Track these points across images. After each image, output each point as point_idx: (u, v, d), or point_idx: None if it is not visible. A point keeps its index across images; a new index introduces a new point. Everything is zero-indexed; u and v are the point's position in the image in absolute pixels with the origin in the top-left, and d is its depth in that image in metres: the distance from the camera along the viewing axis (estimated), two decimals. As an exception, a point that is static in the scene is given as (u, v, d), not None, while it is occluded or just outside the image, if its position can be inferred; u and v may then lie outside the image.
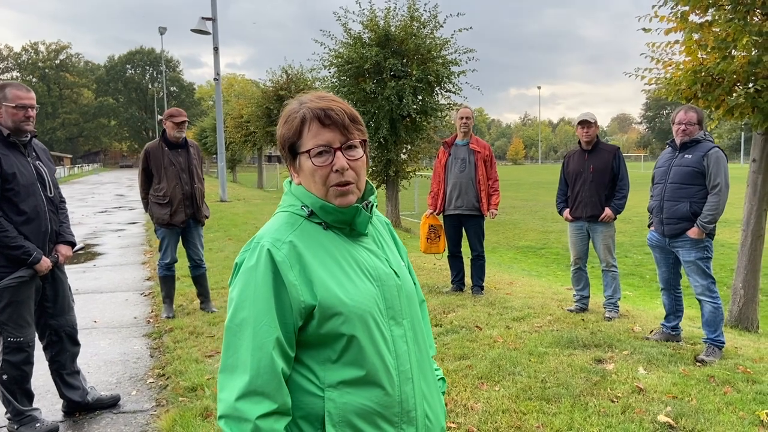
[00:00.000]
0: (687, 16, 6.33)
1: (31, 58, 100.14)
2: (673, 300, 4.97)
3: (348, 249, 1.48)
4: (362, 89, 13.51)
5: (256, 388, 1.32)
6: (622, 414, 3.56)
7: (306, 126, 1.44)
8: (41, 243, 3.52)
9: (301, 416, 1.40)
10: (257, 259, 1.39)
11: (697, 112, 4.60)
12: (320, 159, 1.43)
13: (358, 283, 1.44)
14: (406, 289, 1.57)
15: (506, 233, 18.87)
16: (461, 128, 6.63)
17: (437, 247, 6.77)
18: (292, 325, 1.38)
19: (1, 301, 3.39)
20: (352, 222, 1.49)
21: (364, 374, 1.41)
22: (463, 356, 4.59)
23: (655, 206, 4.80)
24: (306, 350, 1.42)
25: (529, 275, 10.89)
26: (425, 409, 1.54)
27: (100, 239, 12.61)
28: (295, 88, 22.00)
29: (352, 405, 1.40)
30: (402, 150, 14.73)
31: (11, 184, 3.35)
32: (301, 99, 1.49)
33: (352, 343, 1.40)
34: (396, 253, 1.64)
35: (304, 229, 1.45)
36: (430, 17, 13.96)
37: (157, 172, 5.79)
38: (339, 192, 1.44)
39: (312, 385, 1.41)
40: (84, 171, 69.56)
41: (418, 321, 1.61)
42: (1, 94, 3.40)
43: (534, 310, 5.90)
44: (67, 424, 3.78)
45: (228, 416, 1.32)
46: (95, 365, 4.81)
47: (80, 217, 17.18)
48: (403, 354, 1.50)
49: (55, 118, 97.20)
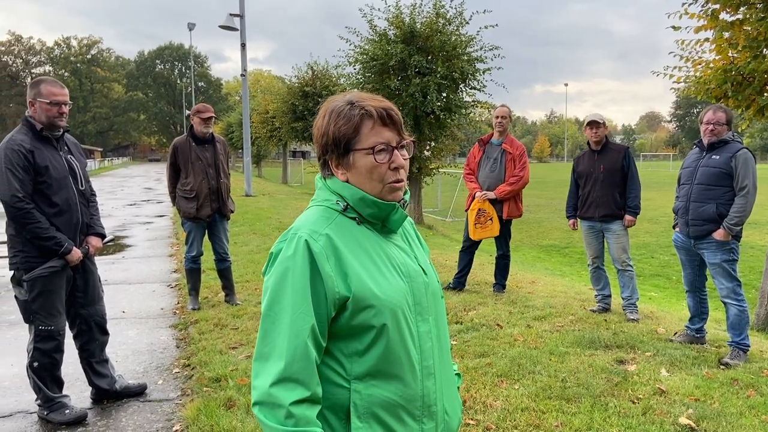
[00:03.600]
0: (718, 14, 6.24)
1: (64, 52, 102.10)
2: (698, 302, 4.92)
3: (380, 244, 1.52)
4: (386, 86, 13.53)
5: (290, 375, 1.35)
6: (643, 415, 3.55)
7: (367, 124, 1.47)
8: (72, 234, 3.63)
9: (327, 406, 1.43)
10: (295, 249, 1.42)
11: (725, 112, 4.54)
12: (381, 156, 1.46)
13: (390, 278, 1.48)
14: (432, 286, 1.60)
15: (530, 232, 18.76)
16: (497, 127, 6.59)
17: (491, 230, 6.41)
18: (326, 315, 1.42)
19: (33, 290, 3.51)
20: (386, 218, 1.53)
21: (390, 368, 1.45)
22: (483, 354, 4.60)
23: (681, 207, 4.75)
24: (335, 342, 1.46)
25: (552, 274, 10.83)
26: (444, 405, 1.58)
27: (129, 231, 12.86)
28: (320, 84, 22.10)
29: (377, 397, 1.44)
30: (425, 147, 14.72)
31: (44, 177, 3.46)
32: (348, 98, 1.51)
33: (381, 336, 1.44)
34: (422, 252, 1.68)
35: (339, 223, 1.49)
36: (456, 14, 13.91)
37: (184, 167, 5.90)
38: (394, 188, 1.49)
39: (339, 376, 1.44)
40: (114, 164, 70.78)
41: (443, 318, 1.65)
42: (35, 90, 3.51)
43: (556, 310, 5.88)
44: (95, 411, 3.89)
45: (262, 402, 1.35)
46: (123, 354, 4.93)
47: (110, 210, 17.51)
48: (427, 350, 1.53)
49: (86, 111, 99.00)
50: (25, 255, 3.49)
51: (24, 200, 3.39)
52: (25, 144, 3.43)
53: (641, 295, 10.42)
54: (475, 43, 13.98)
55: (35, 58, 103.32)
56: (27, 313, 3.57)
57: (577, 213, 5.95)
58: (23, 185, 3.40)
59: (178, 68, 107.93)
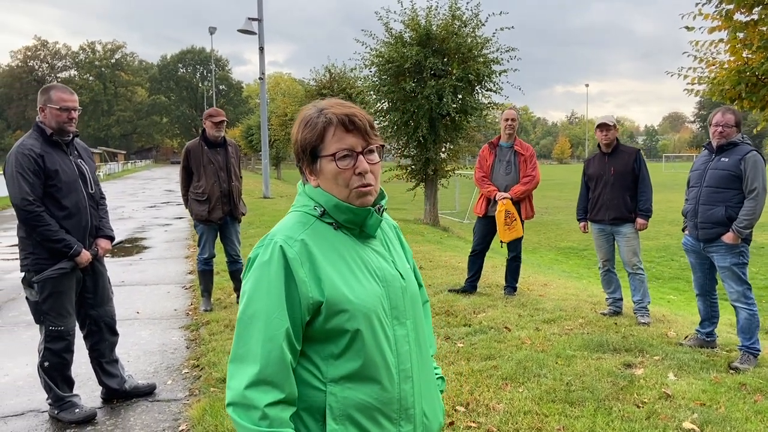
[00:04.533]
0: (732, 14, 6.18)
1: (89, 57, 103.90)
2: (708, 306, 4.86)
3: (357, 249, 1.54)
4: (402, 88, 13.57)
5: (265, 378, 1.38)
6: (646, 420, 3.52)
7: (330, 131, 1.50)
8: (81, 237, 3.71)
9: (304, 408, 1.46)
10: (270, 255, 1.46)
11: (734, 113, 4.48)
12: (344, 162, 1.49)
13: (365, 282, 1.50)
14: (411, 290, 1.62)
15: (548, 234, 18.64)
16: (506, 130, 6.54)
17: (517, 231, 6.34)
18: (300, 319, 1.45)
19: (44, 291, 3.59)
20: (363, 223, 1.55)
21: (366, 371, 1.47)
22: (489, 356, 4.60)
23: (690, 210, 4.70)
24: (311, 345, 1.49)
25: (569, 277, 10.76)
26: (423, 408, 1.60)
27: (147, 233, 13.05)
28: (338, 87, 22.20)
29: (352, 400, 1.46)
30: (441, 149, 14.72)
31: (54, 181, 3.55)
32: (318, 105, 1.55)
33: (356, 340, 1.46)
34: (402, 256, 1.70)
35: (315, 229, 1.52)
36: (472, 16, 13.90)
37: (196, 170, 5.99)
38: (360, 193, 1.51)
39: (315, 379, 1.47)
40: (137, 167, 71.81)
41: (421, 322, 1.66)
42: (45, 96, 3.60)
43: (566, 313, 5.86)
44: (105, 410, 3.97)
45: (236, 404, 1.38)
46: (135, 355, 5.02)
47: (130, 212, 17.79)
48: (404, 353, 1.55)
49: (110, 115, 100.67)
50: (36, 257, 3.57)
51: (34, 203, 3.48)
52: (35, 149, 3.52)
53: (660, 298, 10.34)
54: (491, 45, 13.95)
55: (61, 63, 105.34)
56: (37, 314, 3.66)
57: (588, 216, 5.92)
58: (33, 189, 3.49)
59: (200, 72, 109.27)
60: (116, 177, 46.35)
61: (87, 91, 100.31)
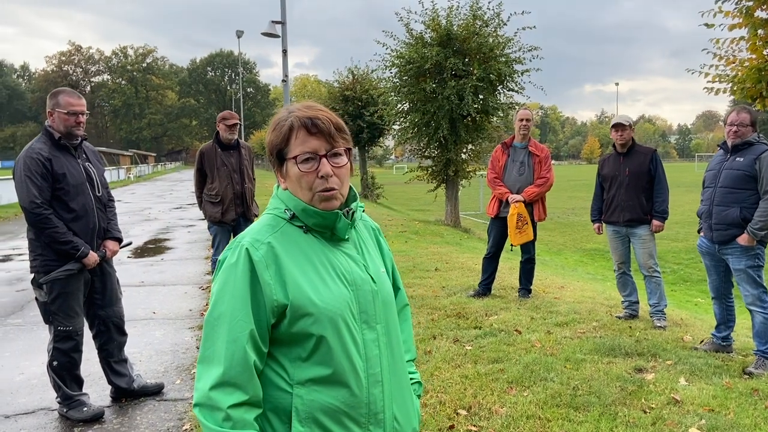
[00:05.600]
0: (753, 11, 6.03)
1: (121, 61, 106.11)
2: (724, 309, 4.74)
3: (326, 253, 1.54)
4: (422, 89, 13.53)
5: (228, 379, 1.40)
6: (652, 425, 3.45)
7: (294, 134, 1.51)
8: (89, 239, 3.78)
9: (270, 409, 1.47)
10: (237, 257, 1.47)
11: (750, 113, 4.37)
12: (306, 165, 1.50)
13: (332, 286, 1.50)
14: (383, 294, 1.61)
15: (574, 235, 18.40)
16: (520, 130, 6.47)
17: (527, 234, 6.30)
18: (266, 321, 1.46)
19: (52, 292, 3.67)
20: (332, 227, 1.55)
21: (332, 374, 1.47)
22: (496, 360, 4.55)
23: (705, 211, 4.59)
24: (278, 347, 1.49)
25: (593, 279, 10.62)
26: (394, 412, 1.58)
27: (171, 234, 13.25)
28: (360, 88, 22.25)
29: (318, 402, 1.46)
30: (462, 150, 14.63)
31: (61, 184, 3.62)
32: (290, 108, 1.57)
33: (322, 343, 1.46)
34: (376, 259, 1.68)
35: (284, 232, 1.52)
36: (494, 15, 13.80)
37: (210, 172, 6.06)
38: (323, 197, 1.51)
39: (282, 380, 1.48)
40: (167, 168, 73.02)
41: (394, 326, 1.65)
42: (54, 101, 3.68)
43: (580, 316, 5.77)
44: (113, 409, 4.03)
45: (202, 405, 1.40)
46: (147, 354, 5.10)
47: (157, 213, 18.08)
48: (373, 357, 1.54)
49: (141, 118, 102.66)
50: (44, 258, 3.65)
51: (42, 206, 3.56)
52: (43, 152, 3.60)
53: (687, 301, 10.12)
54: (513, 44, 13.83)
55: (94, 68, 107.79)
56: (46, 314, 3.74)
57: (602, 217, 5.83)
58: (41, 192, 3.56)
59: (228, 75, 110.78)
60: (146, 179, 47.20)
61: (119, 95, 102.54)
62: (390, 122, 16.13)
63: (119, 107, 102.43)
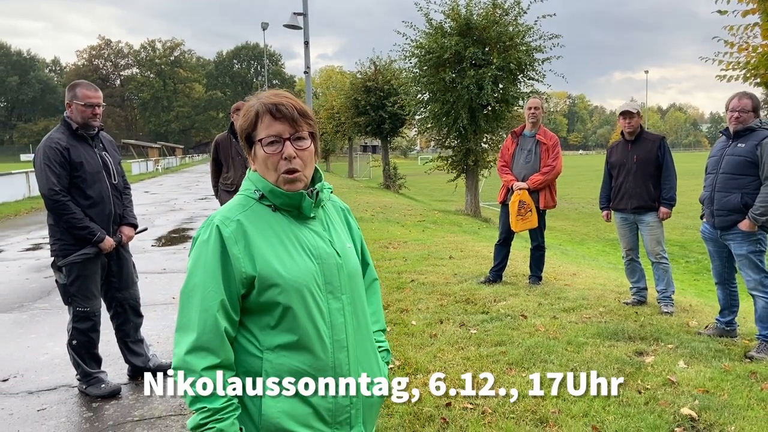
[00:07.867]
0: (766, -4, 5.96)
1: (149, 55, 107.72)
2: (727, 294, 4.77)
3: (293, 229, 1.68)
4: (441, 79, 13.57)
5: (202, 344, 1.56)
6: (645, 405, 3.53)
7: (260, 119, 1.65)
8: (105, 224, 3.98)
9: (243, 372, 1.63)
10: (209, 234, 1.63)
11: (752, 98, 4.37)
12: (271, 148, 1.64)
13: (298, 259, 1.64)
14: (348, 267, 1.75)
15: (597, 225, 18.27)
16: (529, 119, 6.53)
17: (531, 222, 6.37)
18: (236, 292, 1.61)
19: (71, 275, 3.88)
20: (298, 206, 1.69)
21: (298, 340, 1.62)
22: (499, 343, 4.65)
23: (707, 197, 4.62)
24: (249, 316, 1.65)
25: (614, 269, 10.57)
26: (360, 375, 1.72)
27: (195, 224, 13.56)
28: (382, 79, 22.32)
29: (287, 366, 1.61)
30: (482, 139, 14.65)
31: (79, 172, 3.82)
32: (259, 96, 1.71)
33: (288, 312, 1.61)
34: (343, 236, 1.82)
35: (254, 210, 1.67)
36: (514, 3, 13.76)
37: (225, 162, 6.25)
38: (287, 179, 1.65)
39: (253, 346, 1.63)
40: (194, 161, 74.07)
41: (360, 297, 1.79)
42: (72, 93, 3.88)
43: (588, 302, 5.83)
44: (129, 386, 4.25)
45: (179, 368, 1.57)
46: (165, 336, 5.32)
47: (182, 204, 18.45)
48: (338, 325, 1.69)
49: (170, 111, 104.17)
50: (63, 243, 3.86)
51: (60, 193, 3.76)
52: (61, 142, 3.80)
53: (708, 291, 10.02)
54: (533, 33, 13.78)
55: (123, 61, 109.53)
56: (66, 296, 3.96)
57: (611, 204, 5.86)
58: (60, 179, 3.77)
59: (254, 67, 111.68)
60: (174, 171, 47.95)
61: (148, 88, 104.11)
62: (411, 112, 16.21)
63: (148, 100, 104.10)
